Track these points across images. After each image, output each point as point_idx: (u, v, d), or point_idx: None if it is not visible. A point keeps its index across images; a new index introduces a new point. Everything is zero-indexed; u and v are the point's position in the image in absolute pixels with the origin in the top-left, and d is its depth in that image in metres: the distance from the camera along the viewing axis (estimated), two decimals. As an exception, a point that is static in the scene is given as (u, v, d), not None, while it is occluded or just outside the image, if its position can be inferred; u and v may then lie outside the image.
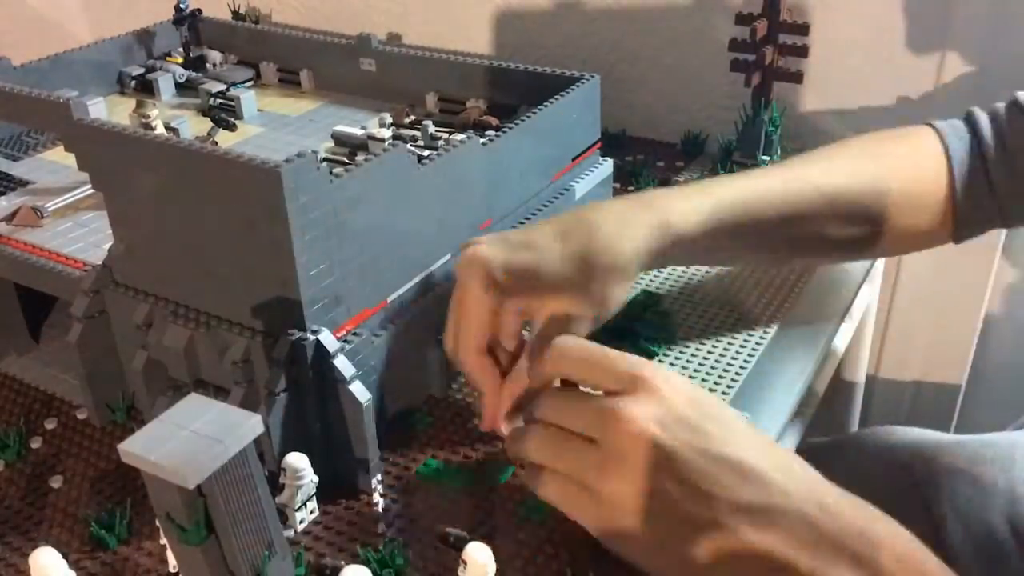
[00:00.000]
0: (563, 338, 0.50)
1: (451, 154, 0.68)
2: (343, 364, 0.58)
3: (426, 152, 0.70)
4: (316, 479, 0.58)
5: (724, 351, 0.74)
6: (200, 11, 1.10)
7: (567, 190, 0.82)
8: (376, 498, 0.61)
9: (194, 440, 0.44)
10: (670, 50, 1.10)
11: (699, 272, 0.85)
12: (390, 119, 0.93)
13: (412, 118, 0.93)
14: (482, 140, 0.71)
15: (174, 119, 0.93)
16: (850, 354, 1.07)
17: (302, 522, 0.59)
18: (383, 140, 0.86)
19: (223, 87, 1.01)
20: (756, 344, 0.74)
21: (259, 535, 0.48)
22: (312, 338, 0.58)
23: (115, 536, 0.58)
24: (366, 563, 0.55)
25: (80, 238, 0.75)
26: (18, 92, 0.72)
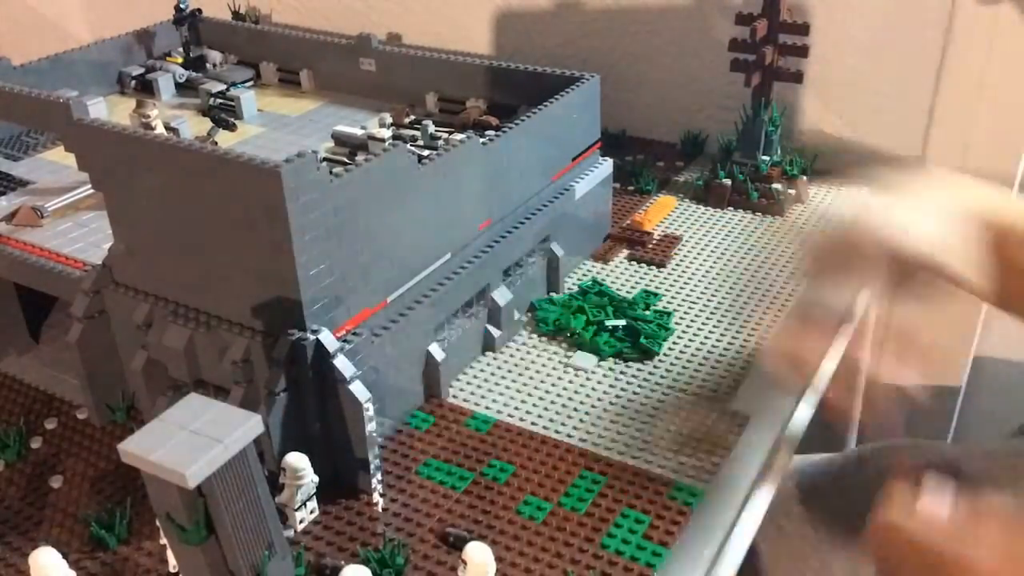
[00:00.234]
0: None
1: (451, 154, 0.68)
2: (343, 364, 0.58)
3: (426, 152, 0.70)
4: (316, 479, 0.58)
5: (724, 351, 0.74)
6: (200, 11, 1.10)
7: (567, 190, 0.82)
8: (376, 498, 0.61)
9: (194, 440, 0.44)
10: (670, 50, 1.10)
11: (699, 272, 0.85)
12: (390, 119, 0.93)
13: (412, 118, 0.93)
14: (482, 140, 0.71)
15: (174, 119, 0.93)
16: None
17: (302, 522, 0.59)
18: (383, 140, 0.86)
19: (223, 87, 1.01)
20: (756, 344, 0.74)
21: (259, 535, 0.48)
22: (312, 338, 0.58)
23: (115, 536, 0.58)
24: (366, 563, 0.55)
25: (80, 238, 0.75)
26: (18, 92, 0.73)
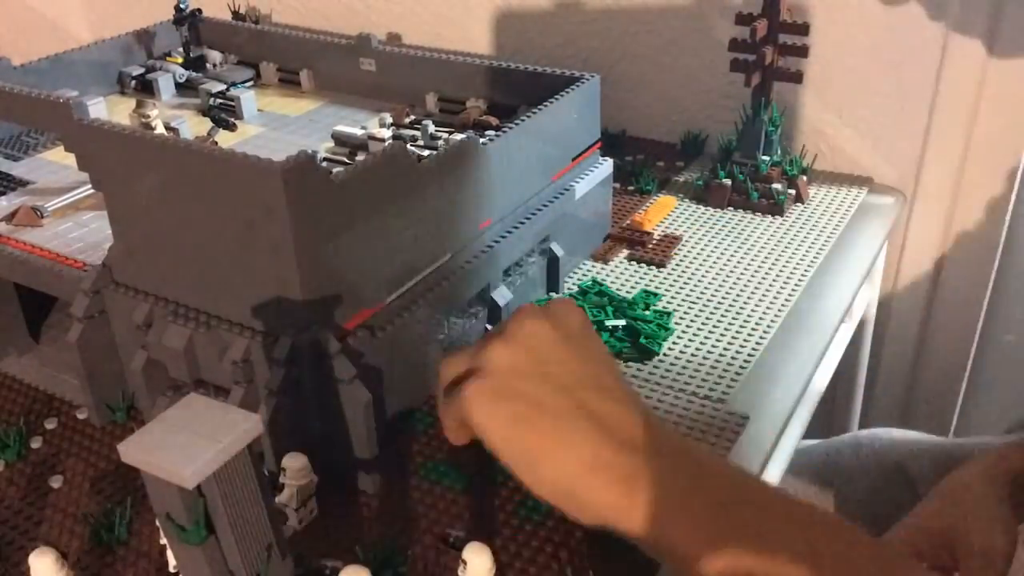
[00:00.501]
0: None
1: (451, 154, 0.68)
2: (343, 364, 0.58)
3: (426, 152, 0.70)
4: (316, 479, 0.58)
5: (724, 351, 0.74)
6: (200, 11, 1.10)
7: (567, 190, 0.82)
8: (376, 498, 0.61)
9: (194, 440, 0.44)
10: (670, 50, 1.10)
11: (699, 272, 0.85)
12: (390, 119, 0.93)
13: (412, 118, 0.93)
14: (482, 140, 0.71)
15: (174, 119, 0.93)
16: (850, 354, 1.07)
17: (302, 522, 0.59)
18: (383, 140, 0.86)
19: (223, 87, 1.01)
20: (756, 344, 0.74)
21: (259, 535, 0.48)
22: (312, 338, 0.58)
23: (115, 536, 0.58)
24: (366, 563, 0.55)
25: (80, 238, 0.75)
26: (18, 92, 0.72)
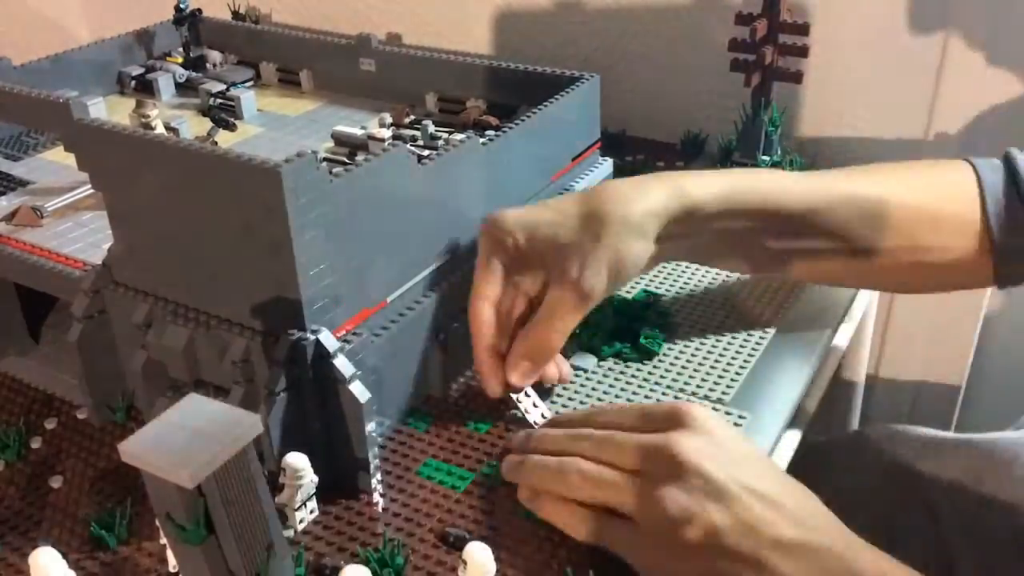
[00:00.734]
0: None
1: (451, 154, 0.68)
2: (343, 364, 0.58)
3: (426, 152, 0.70)
4: (316, 479, 0.58)
5: (724, 351, 0.74)
6: (200, 11, 1.10)
7: (567, 190, 0.82)
8: (376, 498, 0.61)
9: (194, 440, 0.44)
10: (670, 50, 1.10)
11: (699, 272, 0.85)
12: (390, 119, 0.93)
13: (412, 118, 0.93)
14: (482, 140, 0.71)
15: (174, 119, 0.93)
16: (850, 354, 1.07)
17: (302, 522, 0.59)
18: (383, 140, 0.86)
19: (223, 87, 1.01)
20: (756, 344, 0.74)
21: (259, 535, 0.48)
22: (312, 338, 0.58)
23: (115, 536, 0.58)
24: (366, 563, 0.55)
25: (80, 238, 0.75)
26: (18, 92, 0.73)
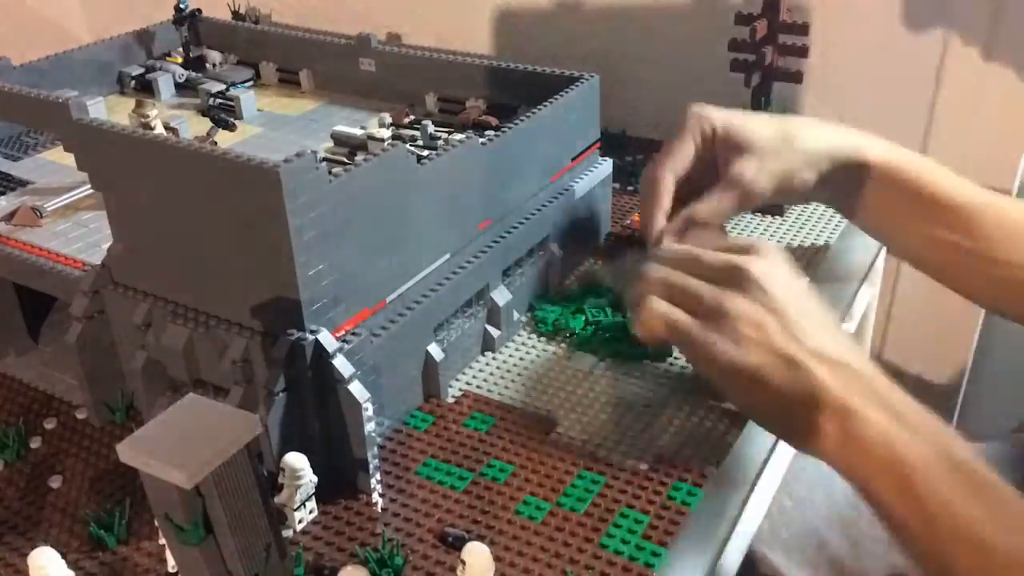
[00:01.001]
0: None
1: (450, 154, 0.68)
2: (342, 364, 0.58)
3: (426, 152, 0.70)
4: (315, 479, 0.58)
5: (724, 351, 0.74)
6: (200, 11, 1.10)
7: (567, 190, 0.82)
8: (375, 498, 0.61)
9: (192, 440, 0.44)
10: (670, 50, 1.10)
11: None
12: (390, 119, 0.93)
13: (412, 118, 0.93)
14: (481, 140, 0.71)
15: (174, 119, 0.93)
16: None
17: (301, 522, 0.59)
18: (383, 140, 0.86)
19: (223, 87, 1.01)
20: (756, 344, 0.74)
21: (257, 535, 0.48)
22: (311, 338, 0.58)
23: (114, 536, 0.58)
24: (365, 563, 0.55)
25: (79, 238, 0.75)
26: (18, 92, 0.73)
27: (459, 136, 0.75)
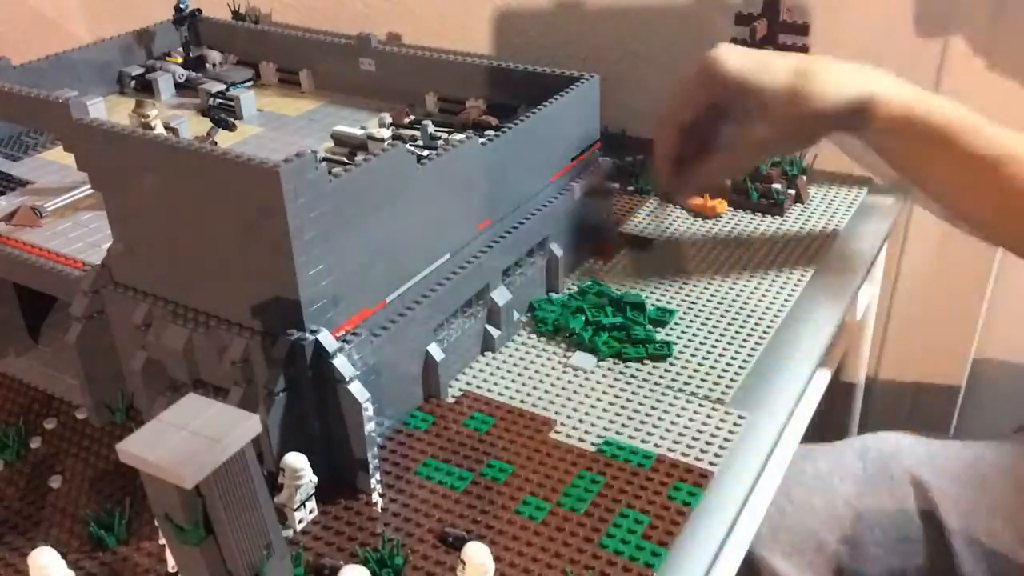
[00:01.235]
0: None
1: (450, 154, 0.68)
2: (342, 364, 0.58)
3: (426, 152, 0.70)
4: (315, 479, 0.58)
5: (724, 350, 0.74)
6: (200, 11, 1.10)
7: (566, 190, 0.82)
8: (375, 498, 0.61)
9: (192, 440, 0.44)
10: (670, 50, 1.10)
11: (699, 272, 0.85)
12: (390, 119, 0.93)
13: (412, 118, 0.93)
14: (481, 140, 0.71)
15: (174, 119, 0.93)
16: (850, 355, 1.07)
17: (301, 522, 0.59)
18: (383, 140, 0.86)
19: (223, 87, 1.01)
20: (756, 344, 0.74)
21: (257, 535, 0.48)
22: (311, 338, 0.58)
23: (114, 536, 0.58)
24: (365, 563, 0.55)
25: (79, 238, 0.75)
26: (18, 92, 0.73)
27: (459, 136, 0.75)
